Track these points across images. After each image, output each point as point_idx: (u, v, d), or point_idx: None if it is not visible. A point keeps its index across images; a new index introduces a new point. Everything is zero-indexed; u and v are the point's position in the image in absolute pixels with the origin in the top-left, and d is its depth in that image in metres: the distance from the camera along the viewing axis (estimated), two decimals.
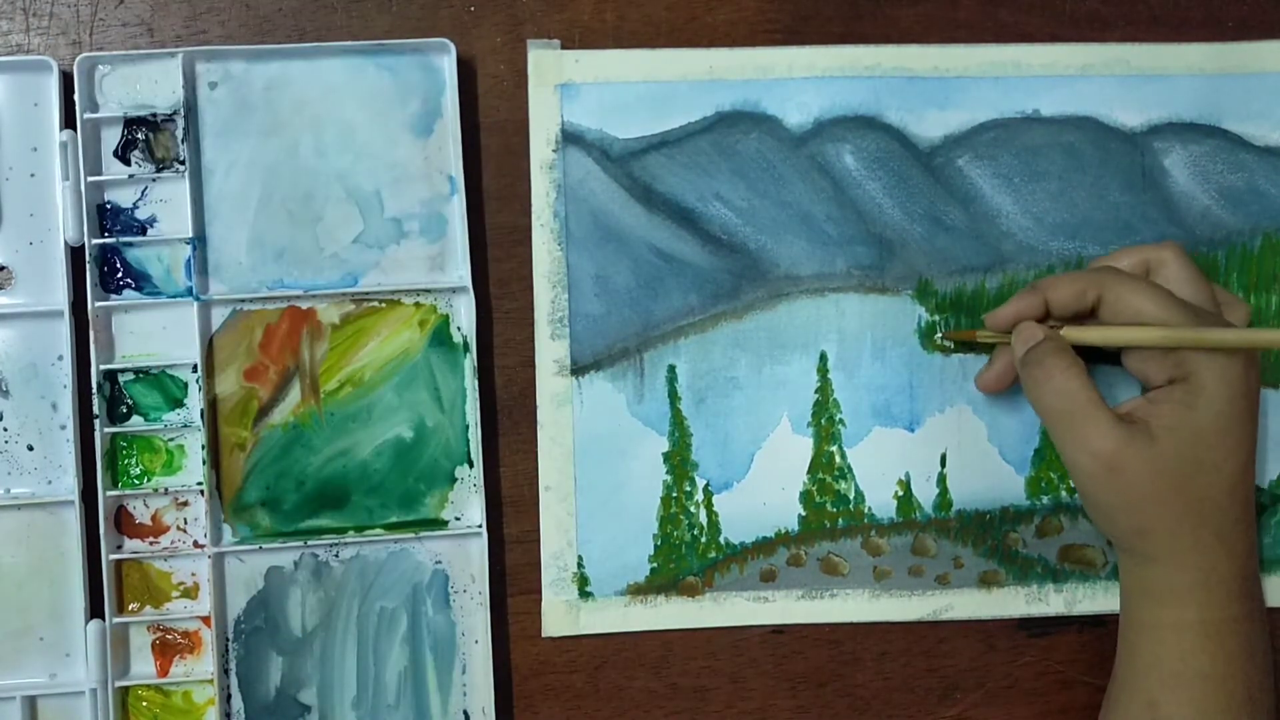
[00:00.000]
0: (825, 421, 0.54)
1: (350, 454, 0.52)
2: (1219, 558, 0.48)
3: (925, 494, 0.54)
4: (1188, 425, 0.47)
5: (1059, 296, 0.49)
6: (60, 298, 0.51)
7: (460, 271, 0.52)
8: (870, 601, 0.54)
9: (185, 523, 0.52)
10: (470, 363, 0.52)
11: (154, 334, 0.52)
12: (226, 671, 0.52)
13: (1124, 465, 0.47)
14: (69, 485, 0.51)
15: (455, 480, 0.53)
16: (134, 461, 0.52)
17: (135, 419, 0.52)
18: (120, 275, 0.52)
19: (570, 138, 0.53)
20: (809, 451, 0.54)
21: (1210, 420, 0.47)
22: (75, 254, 0.51)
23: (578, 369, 0.53)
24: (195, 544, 0.52)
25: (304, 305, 0.52)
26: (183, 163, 0.51)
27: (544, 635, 0.54)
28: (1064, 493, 0.54)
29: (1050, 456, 0.54)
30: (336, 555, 0.52)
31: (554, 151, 0.53)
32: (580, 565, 0.53)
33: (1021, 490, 0.54)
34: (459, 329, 0.53)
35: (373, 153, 0.52)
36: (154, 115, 0.51)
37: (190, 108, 0.52)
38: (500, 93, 0.53)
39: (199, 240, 0.52)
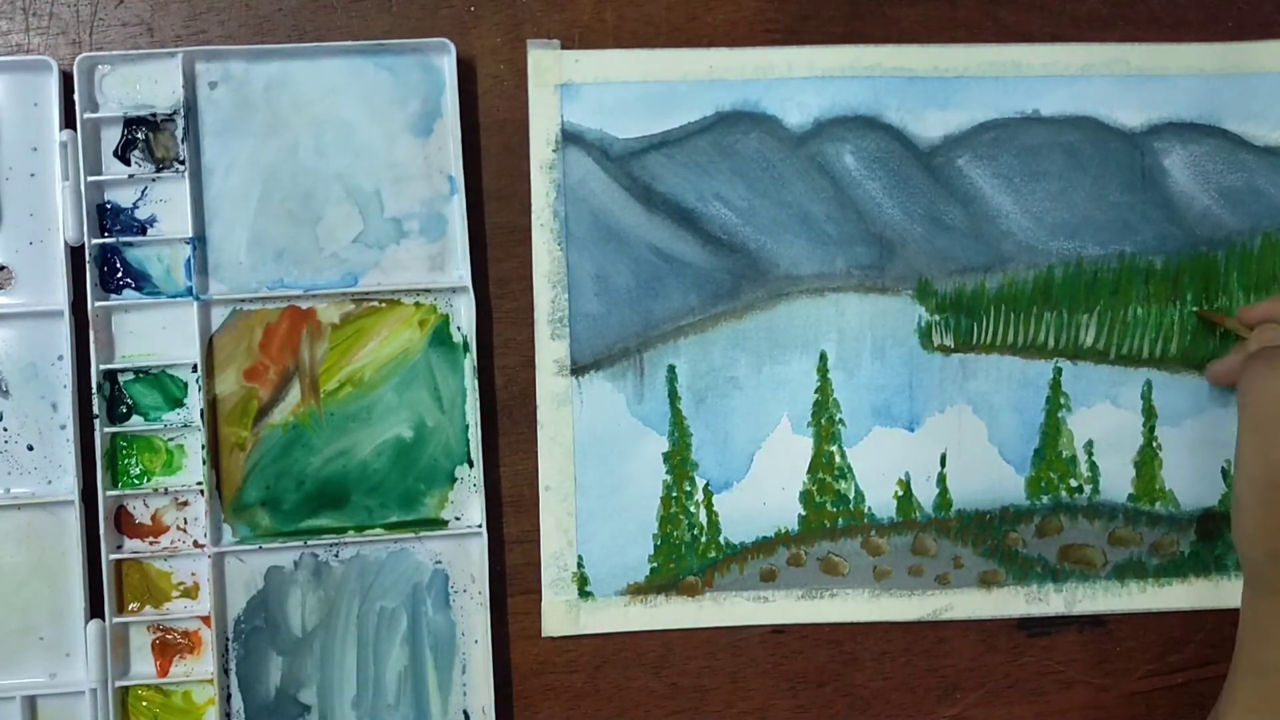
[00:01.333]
0: (825, 421, 0.54)
1: (350, 454, 0.52)
2: None
3: (925, 494, 0.54)
4: None
5: None
6: (60, 298, 0.51)
7: (460, 271, 0.52)
8: (870, 601, 0.54)
9: (185, 523, 0.52)
10: (470, 363, 0.52)
11: (154, 334, 0.52)
12: (226, 671, 0.52)
13: None
14: (69, 485, 0.51)
15: (455, 480, 0.53)
16: (134, 461, 0.52)
17: (135, 419, 0.52)
18: (120, 275, 0.52)
19: (570, 138, 0.53)
20: (809, 451, 0.54)
21: None
22: (75, 254, 0.51)
23: (578, 369, 0.53)
24: (195, 544, 0.52)
25: (304, 305, 0.52)
26: (183, 163, 0.51)
27: (544, 635, 0.54)
28: (1064, 493, 0.55)
29: (1050, 456, 0.54)
30: (336, 555, 0.52)
31: (554, 151, 0.53)
32: (580, 565, 0.53)
33: (1021, 490, 0.54)
34: (459, 329, 0.53)
35: (373, 153, 0.52)
36: (154, 115, 0.51)
37: (190, 108, 0.52)
38: (500, 93, 0.53)
39: (199, 240, 0.52)
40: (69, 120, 0.51)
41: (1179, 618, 0.55)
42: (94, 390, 0.51)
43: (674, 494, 0.54)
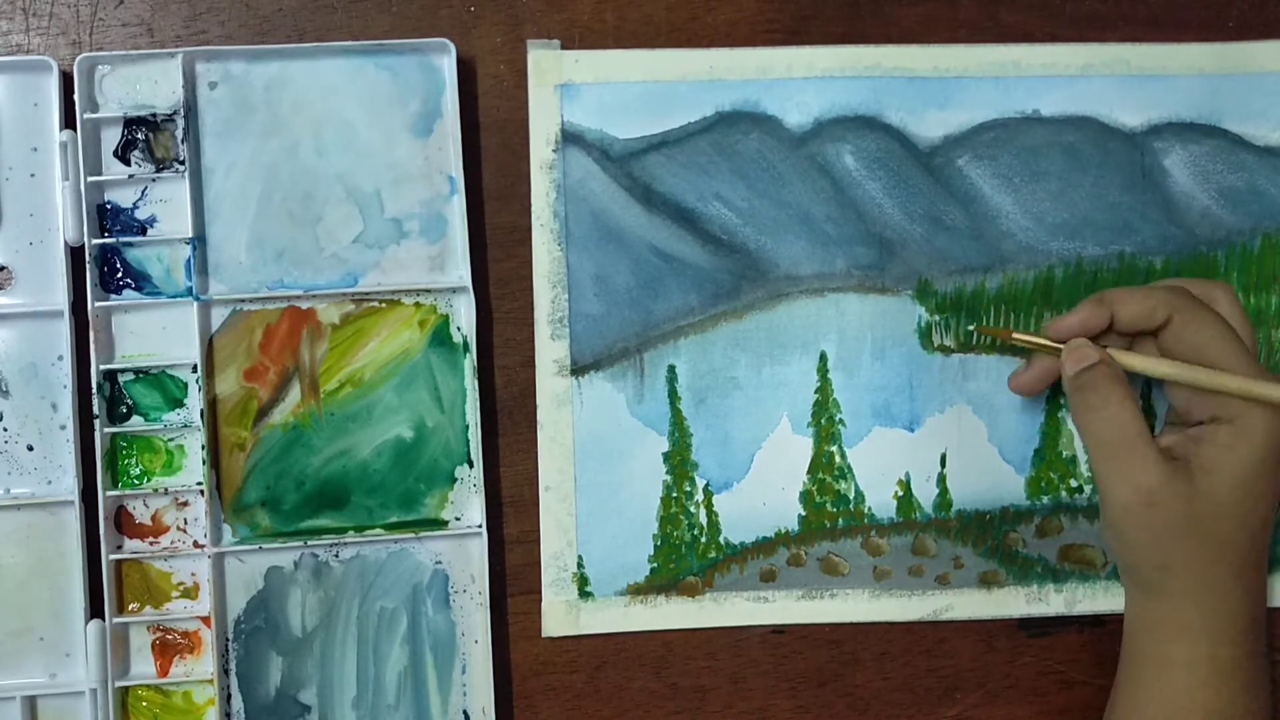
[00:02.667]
0: (825, 421, 0.54)
1: (350, 454, 0.52)
2: (1234, 597, 0.48)
3: (925, 494, 0.54)
4: (1227, 469, 0.47)
5: (1129, 311, 0.49)
6: (60, 298, 0.51)
7: (460, 271, 0.52)
8: (870, 601, 0.54)
9: (185, 523, 0.52)
10: (470, 363, 0.52)
11: (154, 334, 0.52)
12: (226, 671, 0.52)
13: (1162, 502, 0.47)
14: (69, 485, 0.51)
15: (455, 480, 0.53)
16: (134, 461, 0.52)
17: (135, 419, 0.52)
18: (120, 275, 0.52)
19: (570, 138, 0.53)
20: (809, 451, 0.54)
21: (1250, 466, 0.47)
22: (75, 254, 0.51)
23: (578, 369, 0.53)
24: (195, 544, 0.52)
25: (304, 305, 0.52)
26: (183, 163, 0.51)
27: (544, 635, 0.54)
28: (1064, 493, 0.54)
29: (1050, 456, 0.54)
30: (336, 555, 0.52)
31: (554, 151, 0.53)
32: (580, 565, 0.53)
33: (1021, 490, 0.54)
34: (459, 329, 0.53)
35: (373, 153, 0.52)
36: (154, 115, 0.51)
37: (190, 108, 0.52)
38: (500, 93, 0.53)
39: (199, 240, 0.52)
40: (69, 120, 0.51)
41: None
42: (94, 390, 0.51)
43: (674, 494, 0.54)
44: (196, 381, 0.52)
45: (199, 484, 0.52)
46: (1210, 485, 0.47)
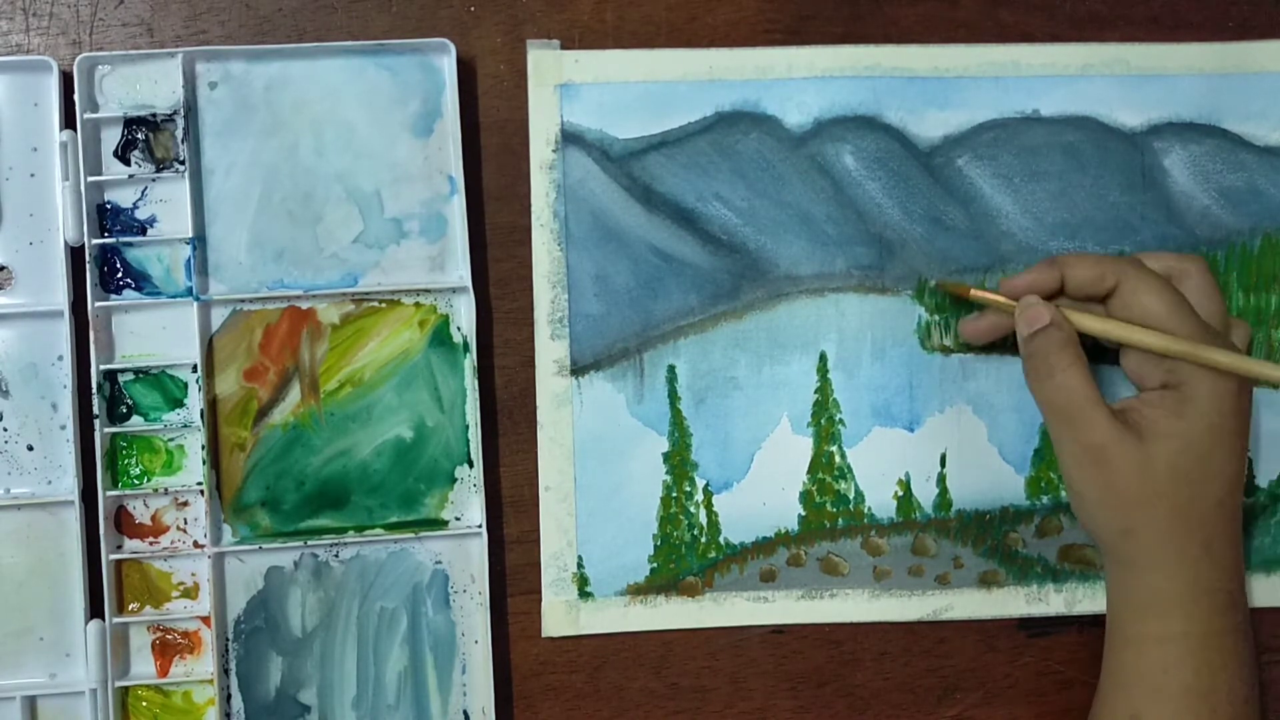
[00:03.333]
0: (825, 421, 0.54)
1: (350, 454, 0.52)
2: (1205, 569, 0.48)
3: (925, 494, 0.54)
4: (1176, 434, 0.47)
5: (1078, 275, 0.49)
6: (60, 298, 0.51)
7: (460, 271, 0.52)
8: (870, 601, 0.54)
9: (185, 523, 0.52)
10: (470, 363, 0.52)
11: (154, 334, 0.52)
12: (226, 671, 0.52)
13: (1111, 460, 0.47)
14: (69, 485, 0.51)
15: (455, 480, 0.53)
16: (134, 461, 0.52)
17: (135, 419, 0.52)
18: (120, 275, 0.52)
19: (570, 138, 0.53)
20: (809, 451, 0.54)
21: (1200, 433, 0.47)
22: (75, 254, 0.51)
23: (578, 369, 0.53)
24: (195, 544, 0.52)
25: (304, 305, 0.52)
26: (183, 163, 0.51)
27: (544, 635, 0.54)
28: (1064, 493, 0.54)
29: (1050, 457, 0.54)
30: (336, 555, 0.52)
31: (554, 151, 0.53)
32: (580, 565, 0.53)
33: (1021, 490, 0.54)
34: (459, 329, 0.53)
35: (373, 153, 0.52)
36: (154, 115, 0.51)
37: (190, 108, 0.52)
38: (500, 93, 0.53)
39: (199, 240, 0.52)
40: (69, 120, 0.51)
41: None
42: (94, 390, 0.51)
43: (674, 494, 0.54)
44: (196, 381, 0.52)
45: (199, 484, 0.52)
46: (1161, 450, 0.47)
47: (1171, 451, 0.47)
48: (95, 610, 0.51)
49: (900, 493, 0.54)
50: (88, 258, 0.51)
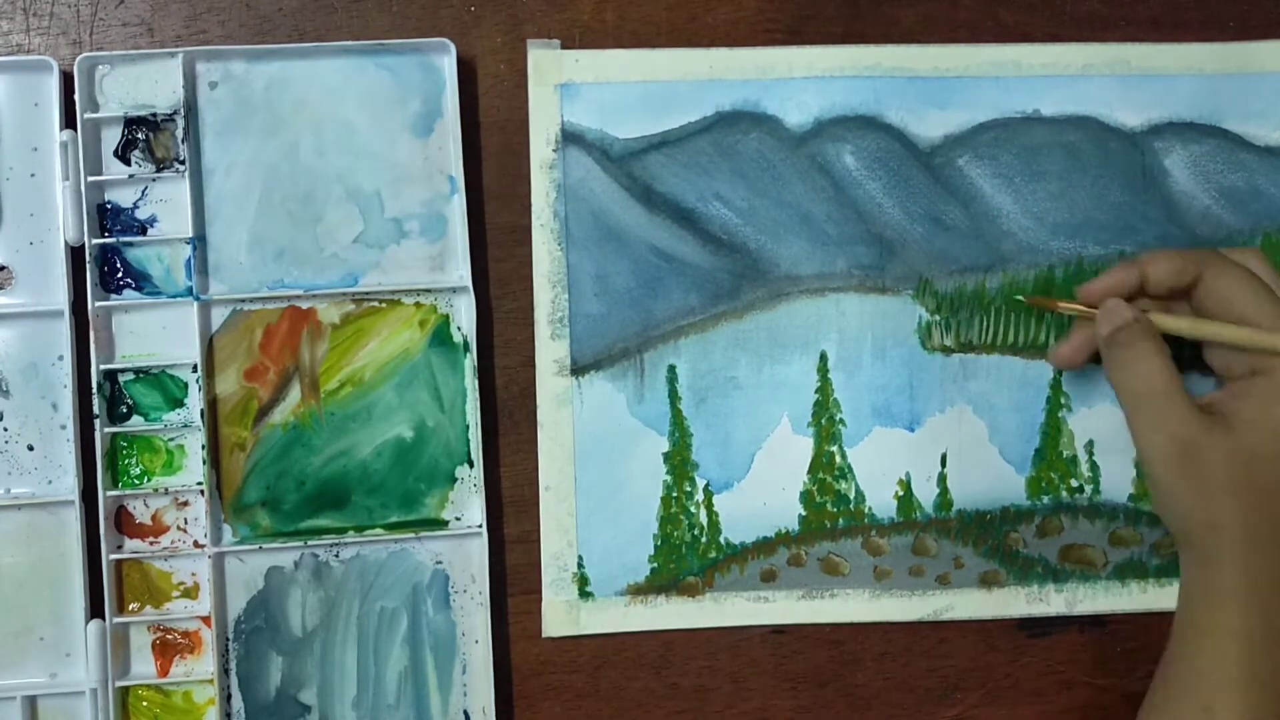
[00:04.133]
0: (825, 421, 0.54)
1: (350, 454, 0.52)
2: None
3: (925, 494, 0.54)
4: (1268, 420, 0.47)
5: (1158, 272, 0.49)
6: (60, 298, 0.51)
7: (460, 271, 0.52)
8: (870, 601, 0.54)
9: (185, 523, 0.52)
10: (470, 363, 0.52)
11: (154, 334, 0.52)
12: (226, 671, 0.52)
13: (1200, 452, 0.47)
14: (69, 485, 0.51)
15: (455, 480, 0.53)
16: (134, 461, 0.52)
17: (135, 419, 0.52)
18: (120, 275, 0.52)
19: (570, 138, 0.53)
20: (809, 451, 0.54)
21: None
22: (75, 254, 0.51)
23: (578, 369, 0.53)
24: (195, 544, 0.52)
25: (304, 305, 0.52)
26: (183, 163, 0.51)
27: (544, 635, 0.54)
28: (1064, 493, 0.54)
29: (1050, 456, 0.54)
30: (336, 555, 0.52)
31: (554, 151, 0.53)
32: (580, 565, 0.53)
33: (1022, 490, 0.54)
34: (459, 329, 0.53)
35: (373, 153, 0.52)
36: (154, 115, 0.51)
37: (190, 108, 0.52)
38: (500, 93, 0.53)
39: (199, 240, 0.52)
40: (69, 120, 0.51)
41: None
42: (94, 390, 0.51)
43: (674, 494, 0.54)
44: (196, 381, 0.52)
45: (199, 484, 0.52)
46: (1251, 439, 0.47)
47: (1261, 439, 0.47)
48: (95, 610, 0.51)
49: (901, 493, 0.54)
50: (88, 257, 0.51)
